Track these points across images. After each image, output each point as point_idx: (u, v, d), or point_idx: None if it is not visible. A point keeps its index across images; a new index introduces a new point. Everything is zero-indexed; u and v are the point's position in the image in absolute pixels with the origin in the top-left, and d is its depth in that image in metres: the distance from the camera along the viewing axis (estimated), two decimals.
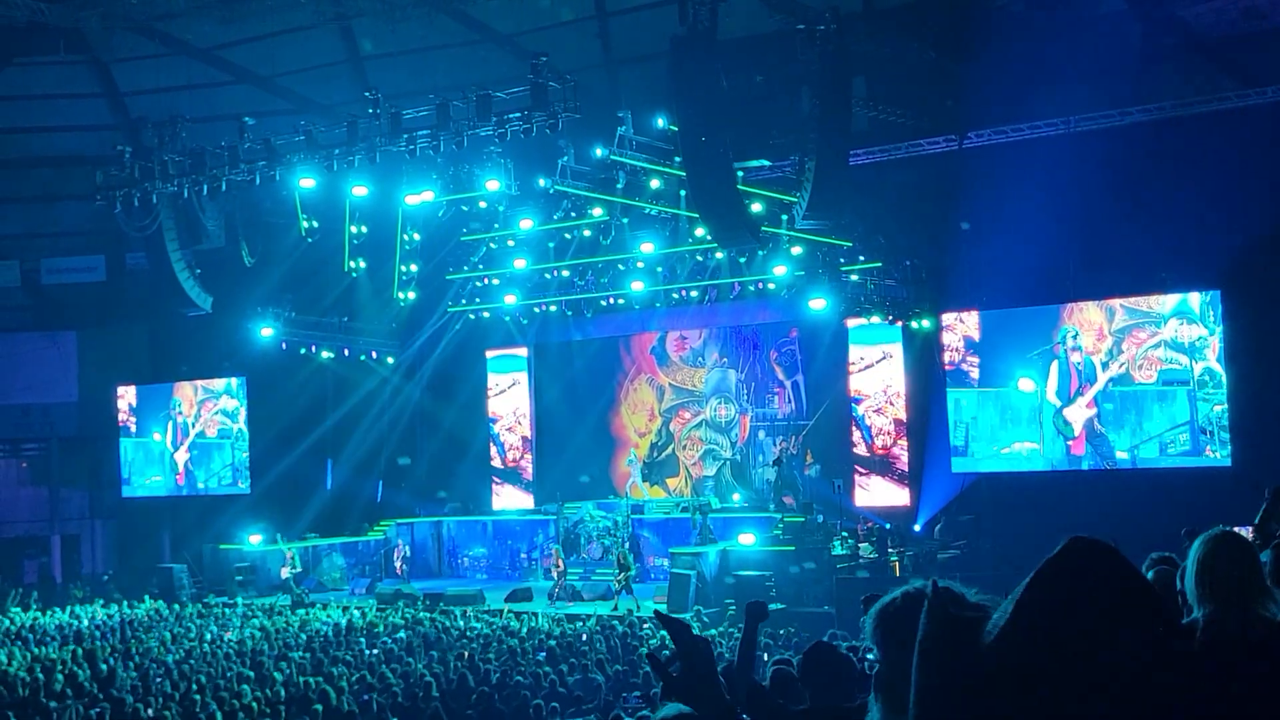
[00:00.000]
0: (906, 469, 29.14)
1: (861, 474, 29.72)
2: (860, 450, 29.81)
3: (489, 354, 36.03)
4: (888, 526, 27.25)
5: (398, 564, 31.76)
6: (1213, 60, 24.90)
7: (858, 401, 29.91)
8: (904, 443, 29.38)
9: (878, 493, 29.32)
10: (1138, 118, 24.86)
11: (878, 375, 29.64)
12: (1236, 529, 4.03)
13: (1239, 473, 22.91)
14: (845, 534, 26.59)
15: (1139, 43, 24.97)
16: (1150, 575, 4.90)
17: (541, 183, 25.59)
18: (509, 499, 35.18)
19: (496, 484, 35.73)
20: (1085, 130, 25.19)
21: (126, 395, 37.29)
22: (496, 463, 35.82)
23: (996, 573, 21.71)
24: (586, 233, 29.28)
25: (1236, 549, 3.68)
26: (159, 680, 17.45)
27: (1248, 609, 3.47)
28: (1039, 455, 26.53)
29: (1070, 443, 26.33)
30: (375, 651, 19.59)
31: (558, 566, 27.97)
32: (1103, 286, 25.74)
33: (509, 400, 35.76)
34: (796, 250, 26.67)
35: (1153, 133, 24.61)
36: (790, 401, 31.81)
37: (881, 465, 29.52)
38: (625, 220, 27.44)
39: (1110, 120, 25.07)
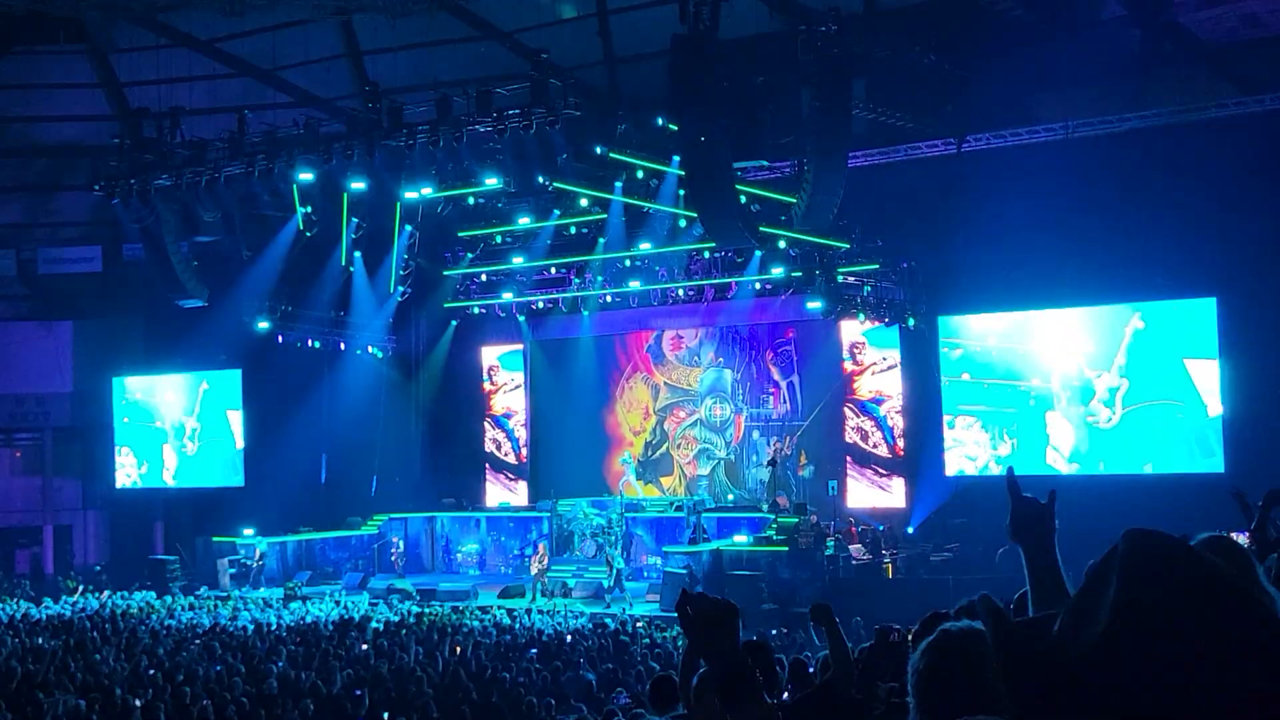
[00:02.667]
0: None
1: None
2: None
3: (486, 349, 36.08)
4: (880, 528, 27.31)
5: (393, 558, 31.75)
6: (1211, 67, 24.93)
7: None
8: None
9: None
10: (1136, 124, 24.89)
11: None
12: (1234, 535, 4.05)
13: (1233, 479, 22.93)
14: (839, 535, 26.62)
15: (1138, 49, 25.00)
16: None
17: (540, 180, 25.58)
18: (521, 495, 35.13)
19: (509, 479, 35.77)
20: (1083, 136, 25.22)
21: (121, 386, 37.28)
22: (511, 459, 35.86)
23: (989, 575, 21.76)
24: (584, 230, 29.29)
25: (1231, 552, 3.70)
26: (151, 672, 17.44)
27: None
28: (1031, 459, 26.55)
29: (1063, 447, 26.38)
30: (367, 646, 19.59)
31: (541, 562, 27.84)
32: (1099, 292, 25.78)
33: (520, 397, 35.83)
34: (794, 251, 26.70)
35: (1151, 139, 24.64)
36: (785, 402, 31.83)
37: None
38: (623, 219, 27.46)
39: (1108, 126, 25.11)
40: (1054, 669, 1.52)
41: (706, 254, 29.09)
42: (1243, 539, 5.63)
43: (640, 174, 25.30)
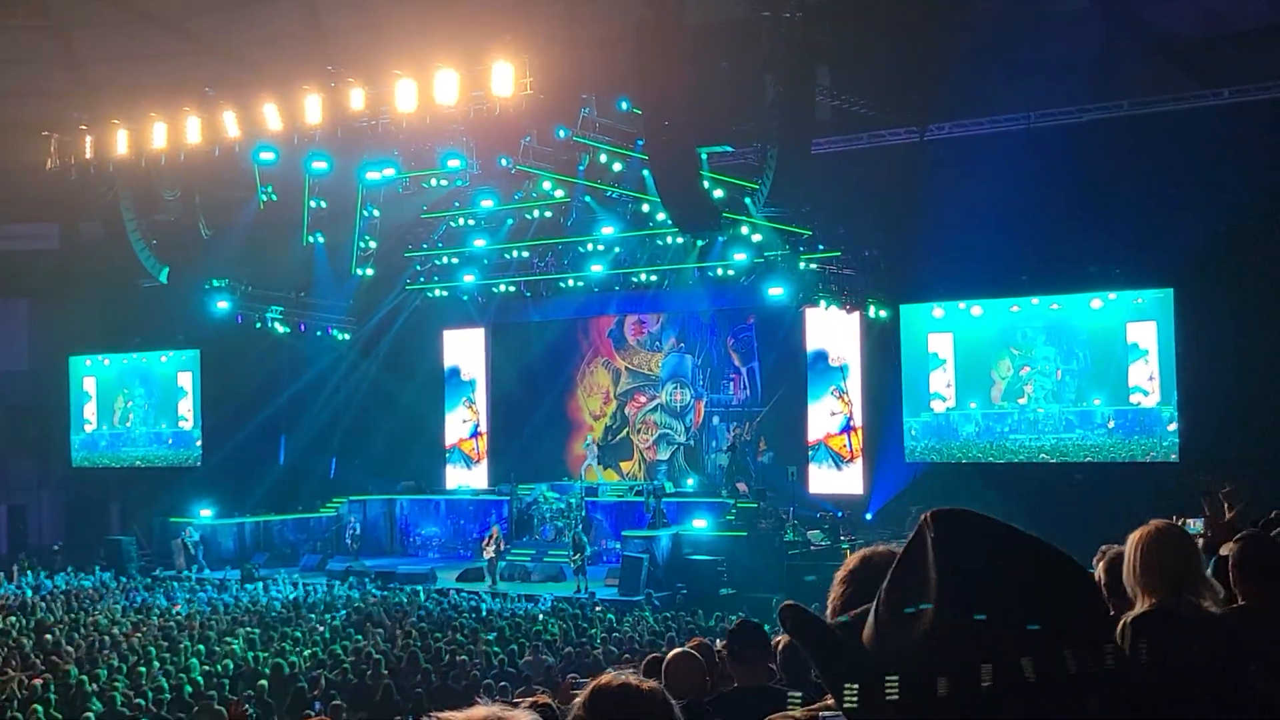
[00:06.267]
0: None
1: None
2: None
3: (447, 332, 35.96)
4: (840, 515, 27.43)
5: (349, 541, 31.66)
6: (1172, 61, 25.13)
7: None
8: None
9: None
10: (1097, 115, 25.08)
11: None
12: (1188, 521, 4.10)
13: (1187, 468, 23.20)
14: (796, 521, 26.72)
15: (1100, 41, 25.18)
16: None
17: (503, 162, 25.47)
18: (481, 479, 35.02)
19: (469, 463, 35.65)
20: (1044, 126, 25.40)
21: (77, 365, 36.96)
22: (471, 443, 35.73)
23: None
24: (547, 214, 29.24)
25: (1177, 539, 3.77)
26: (106, 653, 17.35)
27: (1186, 597, 3.57)
28: (990, 448, 26.78)
29: (1019, 434, 26.59)
30: (325, 628, 19.56)
31: (496, 546, 27.72)
32: (1058, 281, 25.98)
33: (481, 380, 35.71)
34: (756, 237, 26.72)
35: (1111, 131, 24.83)
36: (745, 388, 31.91)
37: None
38: (587, 198, 27.44)
39: (1069, 117, 25.29)
40: (887, 652, 1.52)
41: (669, 239, 29.08)
42: (1197, 523, 5.72)
43: (603, 158, 25.25)
